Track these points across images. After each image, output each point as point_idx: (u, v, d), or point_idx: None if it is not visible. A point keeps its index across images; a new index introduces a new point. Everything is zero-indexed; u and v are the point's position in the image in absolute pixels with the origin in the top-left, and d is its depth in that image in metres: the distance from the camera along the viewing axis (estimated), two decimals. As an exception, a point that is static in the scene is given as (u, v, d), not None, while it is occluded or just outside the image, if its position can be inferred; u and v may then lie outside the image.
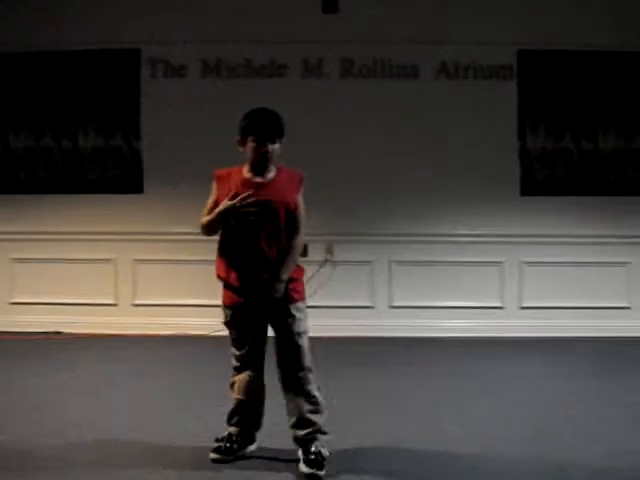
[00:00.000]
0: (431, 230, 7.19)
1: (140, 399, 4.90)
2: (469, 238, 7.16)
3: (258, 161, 3.60)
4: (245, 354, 3.69)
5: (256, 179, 3.62)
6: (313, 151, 6.67)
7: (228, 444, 3.75)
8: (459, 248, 7.15)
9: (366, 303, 7.24)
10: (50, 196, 7.26)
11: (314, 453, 3.56)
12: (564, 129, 7.15)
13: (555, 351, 6.48)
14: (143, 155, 7.23)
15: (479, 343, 6.74)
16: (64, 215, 7.21)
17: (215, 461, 3.70)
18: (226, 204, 3.53)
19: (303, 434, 3.63)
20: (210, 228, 3.65)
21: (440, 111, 7.11)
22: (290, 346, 3.62)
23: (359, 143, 7.05)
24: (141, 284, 7.25)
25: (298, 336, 3.61)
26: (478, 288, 7.16)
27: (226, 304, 3.71)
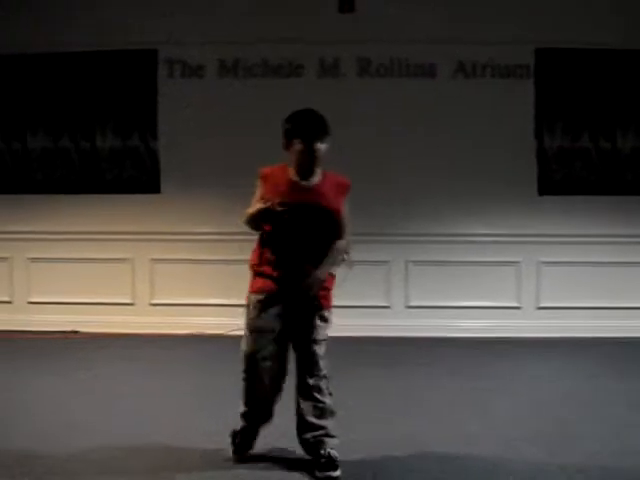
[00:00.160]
0: (448, 230, 7.16)
1: (157, 398, 4.92)
2: (486, 238, 7.13)
3: (306, 162, 3.58)
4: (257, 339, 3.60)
5: (302, 183, 3.60)
6: (330, 151, 6.63)
7: (242, 438, 3.77)
8: (476, 248, 7.12)
9: (383, 303, 7.22)
10: (67, 196, 7.30)
11: (324, 457, 3.54)
12: (582, 128, 7.10)
13: (572, 352, 6.44)
14: (160, 155, 7.25)
15: (496, 343, 6.71)
16: (81, 215, 7.25)
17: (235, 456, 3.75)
18: (260, 207, 3.49)
19: (308, 437, 3.61)
20: (251, 224, 3.62)
21: (457, 110, 7.08)
22: (305, 352, 3.60)
23: (376, 143, 7.03)
24: (158, 284, 7.28)
25: (314, 343, 3.59)
26: (495, 288, 7.12)
27: (254, 290, 3.63)
